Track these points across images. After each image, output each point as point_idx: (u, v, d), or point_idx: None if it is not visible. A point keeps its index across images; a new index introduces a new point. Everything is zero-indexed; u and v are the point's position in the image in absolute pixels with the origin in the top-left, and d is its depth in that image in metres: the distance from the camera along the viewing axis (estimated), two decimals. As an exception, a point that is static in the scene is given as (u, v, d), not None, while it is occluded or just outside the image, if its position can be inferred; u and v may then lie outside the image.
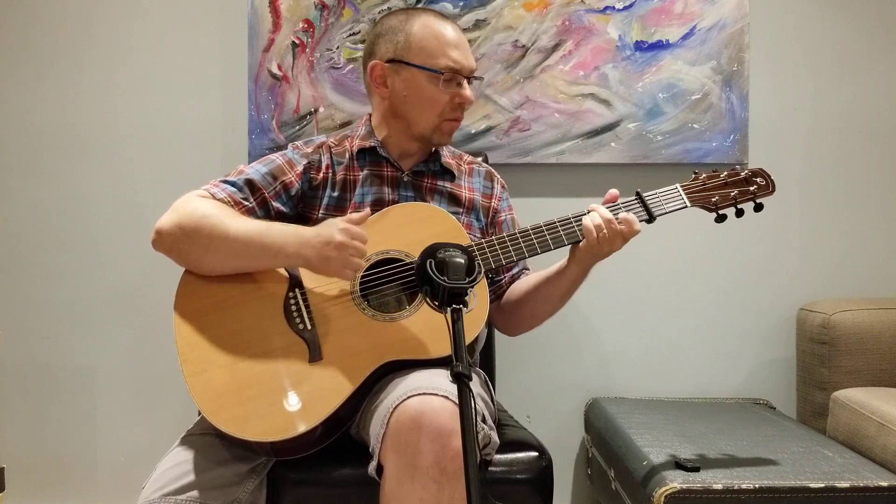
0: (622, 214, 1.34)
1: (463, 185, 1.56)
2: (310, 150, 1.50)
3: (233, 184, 1.40)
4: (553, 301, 1.47)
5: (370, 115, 1.57)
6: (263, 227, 1.30)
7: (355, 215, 1.32)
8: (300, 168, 1.46)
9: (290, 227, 1.31)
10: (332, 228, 1.26)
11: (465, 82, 1.46)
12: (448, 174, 1.55)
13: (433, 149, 1.54)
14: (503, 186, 1.63)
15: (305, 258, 1.27)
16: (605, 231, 1.32)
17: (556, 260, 1.46)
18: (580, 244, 1.36)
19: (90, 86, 2.12)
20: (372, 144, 1.50)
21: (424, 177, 1.53)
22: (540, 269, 1.57)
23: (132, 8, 2.12)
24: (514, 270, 1.56)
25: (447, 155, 1.58)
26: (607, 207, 1.36)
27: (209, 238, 1.28)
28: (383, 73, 1.47)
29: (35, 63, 2.12)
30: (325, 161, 1.49)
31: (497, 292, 1.55)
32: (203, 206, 1.32)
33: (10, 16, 2.11)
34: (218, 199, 1.36)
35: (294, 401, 1.21)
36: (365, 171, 1.49)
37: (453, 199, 1.52)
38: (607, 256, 1.37)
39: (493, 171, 1.64)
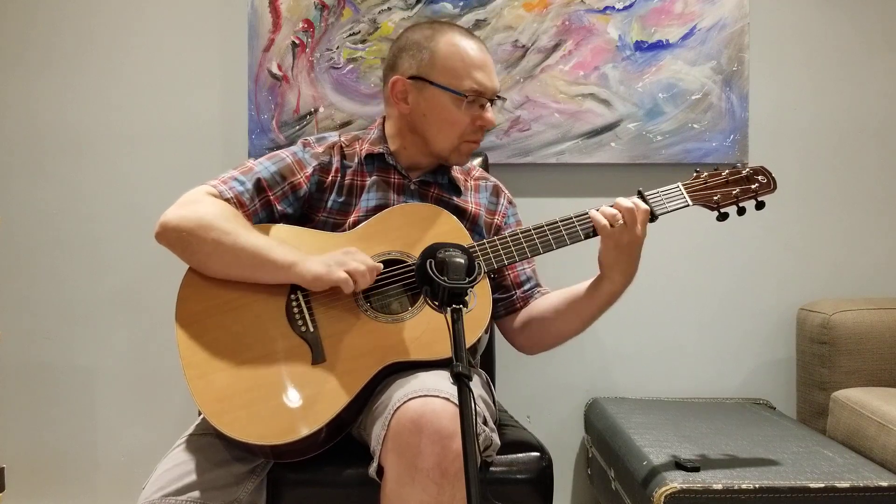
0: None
1: (469, 200, 1.54)
2: (321, 149, 1.49)
3: (241, 183, 1.39)
4: (584, 319, 1.42)
5: (384, 118, 1.55)
6: (275, 245, 1.30)
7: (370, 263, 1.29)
8: (310, 169, 1.45)
9: (296, 252, 1.30)
10: (338, 272, 1.25)
11: (487, 105, 1.44)
12: (454, 188, 1.54)
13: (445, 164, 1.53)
14: (510, 202, 1.61)
15: (310, 273, 1.27)
16: (619, 220, 1.30)
17: (557, 260, 1.45)
18: (600, 250, 1.34)
19: (90, 86, 2.12)
20: (380, 151, 1.49)
21: (431, 187, 1.52)
22: (542, 273, 1.57)
23: (132, 8, 2.12)
24: (526, 286, 1.52)
25: (455, 169, 1.56)
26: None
27: (216, 245, 1.27)
28: (405, 90, 1.45)
29: (35, 63, 2.12)
30: (335, 163, 1.48)
31: (509, 308, 1.51)
32: (213, 209, 1.31)
33: (10, 16, 2.11)
34: (225, 199, 1.35)
35: (297, 403, 1.21)
36: (373, 177, 1.48)
37: (458, 213, 1.49)
38: (632, 249, 1.32)
39: (500, 186, 1.61)
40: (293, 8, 2.07)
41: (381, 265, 1.30)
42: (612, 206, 1.33)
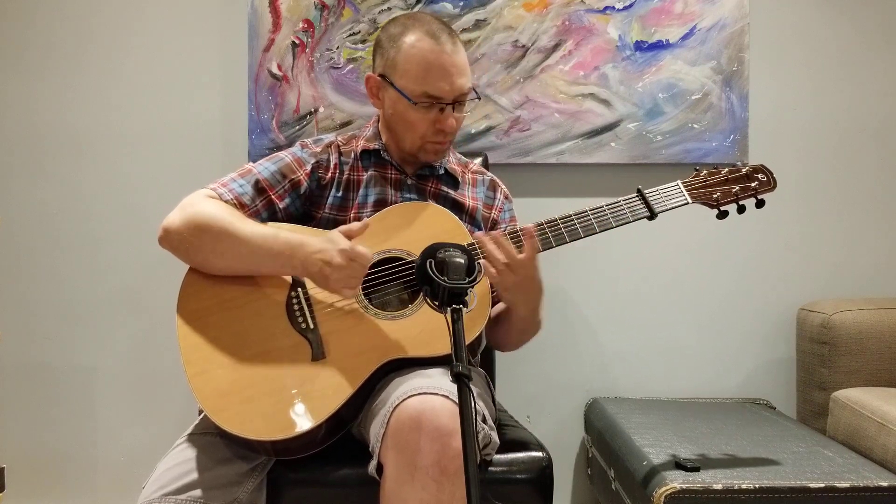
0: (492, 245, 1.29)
1: (466, 193, 1.55)
2: (319, 149, 1.50)
3: (240, 185, 1.40)
4: (513, 336, 1.45)
5: (379, 115, 1.56)
6: (271, 235, 1.30)
7: (354, 225, 1.30)
8: (309, 167, 1.46)
9: (296, 236, 1.29)
10: (333, 249, 1.24)
11: (448, 108, 1.42)
12: (452, 180, 1.55)
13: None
14: (507, 197, 1.61)
15: (307, 272, 1.27)
16: (493, 270, 1.28)
17: (557, 260, 1.45)
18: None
19: (90, 86, 2.12)
20: (376, 147, 1.50)
21: (429, 181, 1.52)
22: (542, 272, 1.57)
23: (132, 8, 2.12)
24: None
25: (453, 161, 1.57)
26: (606, 205, 1.36)
27: (216, 241, 1.28)
28: (377, 86, 1.47)
29: (35, 63, 2.12)
30: (333, 160, 1.49)
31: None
32: (212, 209, 1.32)
33: (10, 16, 2.12)
34: (225, 201, 1.36)
35: (297, 400, 1.21)
36: (370, 172, 1.49)
37: (456, 207, 1.50)
38: (523, 284, 1.29)
39: (497, 181, 1.62)
40: (293, 8, 2.07)
41: (370, 257, 1.27)
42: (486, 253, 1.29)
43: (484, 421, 1.24)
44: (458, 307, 1.00)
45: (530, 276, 1.30)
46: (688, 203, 1.39)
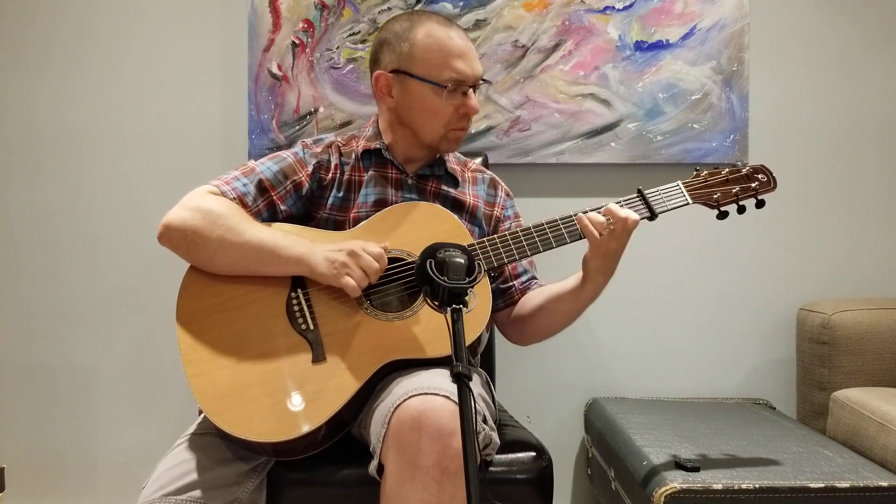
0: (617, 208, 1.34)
1: (467, 192, 1.55)
2: (319, 149, 1.50)
3: (244, 184, 1.39)
4: (569, 317, 1.46)
5: (378, 115, 1.56)
6: (279, 236, 1.31)
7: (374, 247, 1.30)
8: (310, 168, 1.46)
9: (303, 241, 1.31)
10: (343, 278, 1.26)
11: (470, 91, 1.44)
12: (452, 180, 1.55)
13: (438, 154, 1.54)
14: (507, 194, 1.61)
15: (320, 276, 1.28)
16: (610, 228, 1.30)
17: (557, 259, 1.45)
18: (587, 255, 1.35)
19: (90, 86, 2.12)
20: (377, 146, 1.50)
21: (429, 181, 1.53)
22: (542, 269, 1.57)
23: (132, 8, 2.12)
24: (524, 278, 1.53)
25: (452, 161, 1.58)
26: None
27: (220, 241, 1.28)
28: (388, 84, 1.46)
29: (35, 63, 2.12)
30: (334, 161, 1.49)
31: (508, 300, 1.52)
32: (216, 206, 1.32)
33: (10, 16, 2.12)
34: (229, 199, 1.36)
35: (297, 401, 1.21)
36: (370, 172, 1.49)
37: (457, 205, 1.51)
38: (618, 255, 1.35)
39: (497, 179, 1.62)
40: (293, 8, 2.07)
41: (384, 260, 1.29)
42: (602, 213, 1.32)
43: (485, 422, 1.24)
44: (457, 307, 1.00)
45: (625, 245, 1.33)
46: (688, 203, 1.39)
